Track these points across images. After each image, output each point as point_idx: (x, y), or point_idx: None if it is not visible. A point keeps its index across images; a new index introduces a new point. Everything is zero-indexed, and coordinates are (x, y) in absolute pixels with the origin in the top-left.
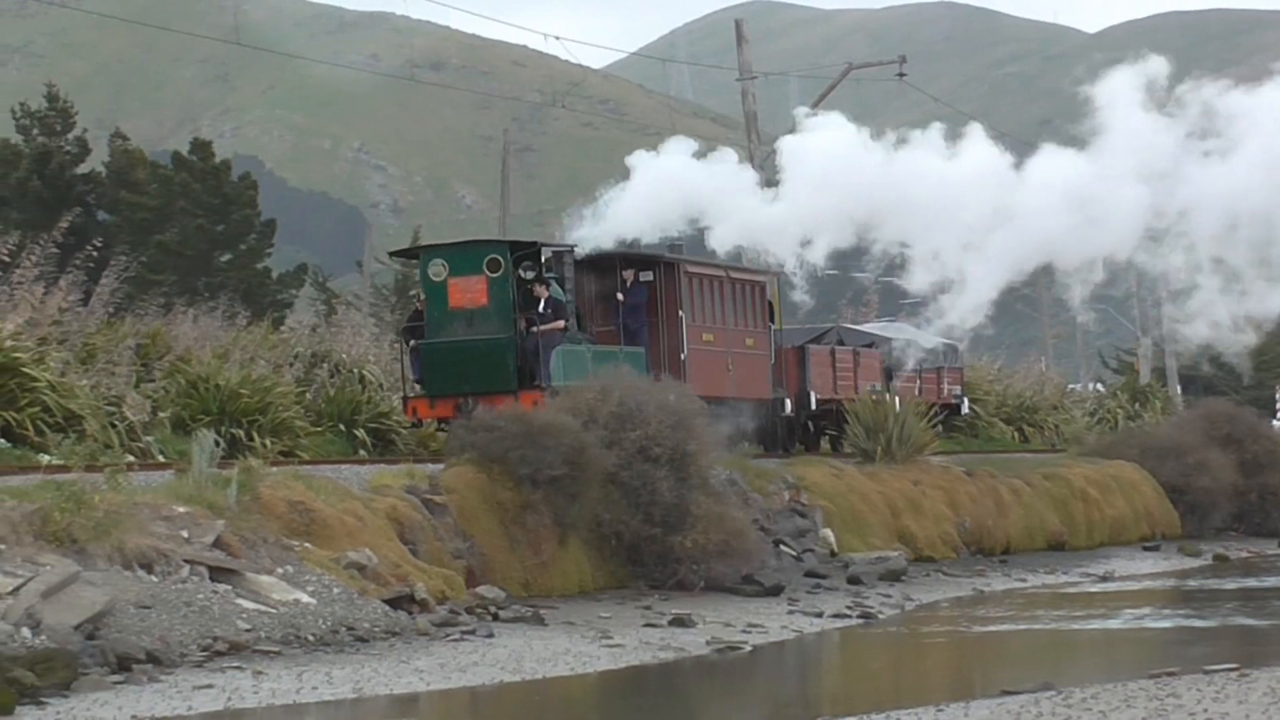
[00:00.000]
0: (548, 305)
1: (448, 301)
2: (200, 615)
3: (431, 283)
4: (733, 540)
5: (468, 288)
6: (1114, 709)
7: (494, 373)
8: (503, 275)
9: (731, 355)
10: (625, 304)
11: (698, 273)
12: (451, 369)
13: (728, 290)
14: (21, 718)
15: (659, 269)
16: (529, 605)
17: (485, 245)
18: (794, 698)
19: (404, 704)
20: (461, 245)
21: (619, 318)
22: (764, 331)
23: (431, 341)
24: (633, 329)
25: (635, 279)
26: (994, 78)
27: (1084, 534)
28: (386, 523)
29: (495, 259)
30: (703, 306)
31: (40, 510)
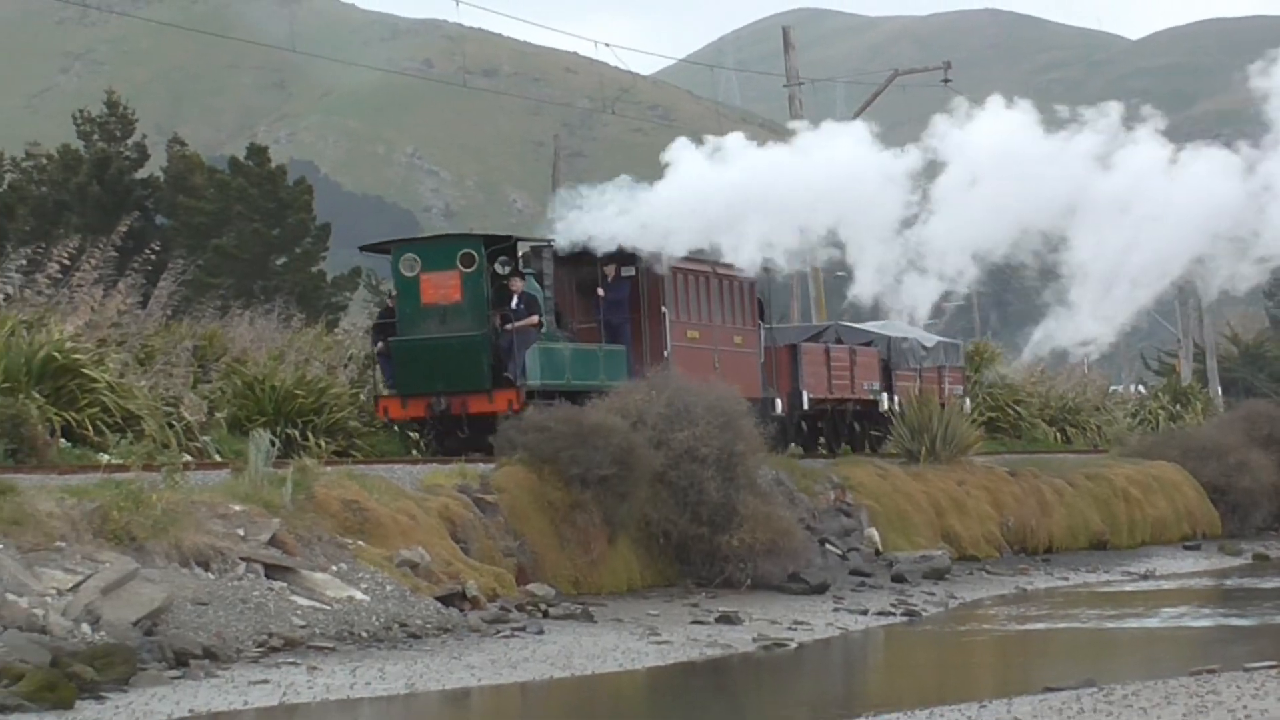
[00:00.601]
0: (521, 301)
1: (420, 298)
2: (256, 612)
3: (403, 278)
4: (779, 539)
5: (441, 283)
6: (1155, 705)
7: (467, 371)
8: (476, 271)
9: (719, 353)
10: (606, 300)
11: (682, 268)
12: (424, 367)
13: (714, 287)
14: (81, 712)
15: (641, 264)
16: (579, 603)
17: (458, 240)
18: (839, 694)
19: (456, 699)
20: (434, 240)
21: (600, 314)
22: (753, 329)
23: (403, 339)
24: (614, 325)
25: (617, 274)
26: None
27: (1126, 533)
28: (439, 521)
29: (469, 254)
30: (687, 303)
31: (100, 508)
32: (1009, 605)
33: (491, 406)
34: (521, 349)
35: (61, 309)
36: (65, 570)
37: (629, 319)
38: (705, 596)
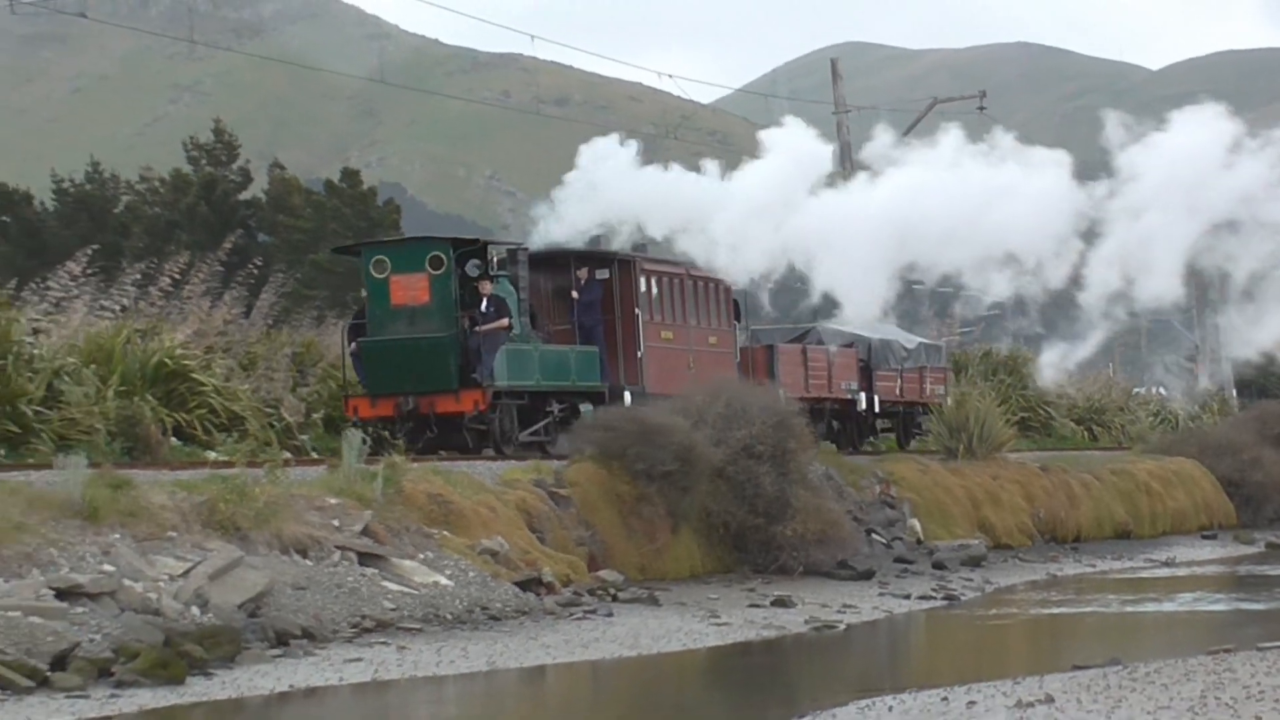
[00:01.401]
0: (491, 304)
1: (390, 299)
2: (350, 596)
3: (374, 280)
4: (829, 529)
5: (410, 285)
6: (1175, 682)
7: (435, 372)
8: (445, 273)
9: (693, 353)
10: (580, 301)
11: (655, 270)
12: (393, 367)
13: (689, 289)
14: (191, 687)
15: (615, 266)
16: (645, 588)
17: (428, 242)
18: (884, 672)
19: (532, 676)
20: (404, 242)
21: (574, 316)
22: (728, 330)
23: (372, 339)
24: (588, 327)
25: (591, 276)
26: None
27: (1148, 524)
28: (516, 513)
29: (438, 256)
30: (661, 304)
31: (207, 501)
32: (1040, 590)
33: (458, 406)
34: (489, 350)
35: (172, 319)
36: (176, 558)
37: (602, 320)
38: (761, 582)
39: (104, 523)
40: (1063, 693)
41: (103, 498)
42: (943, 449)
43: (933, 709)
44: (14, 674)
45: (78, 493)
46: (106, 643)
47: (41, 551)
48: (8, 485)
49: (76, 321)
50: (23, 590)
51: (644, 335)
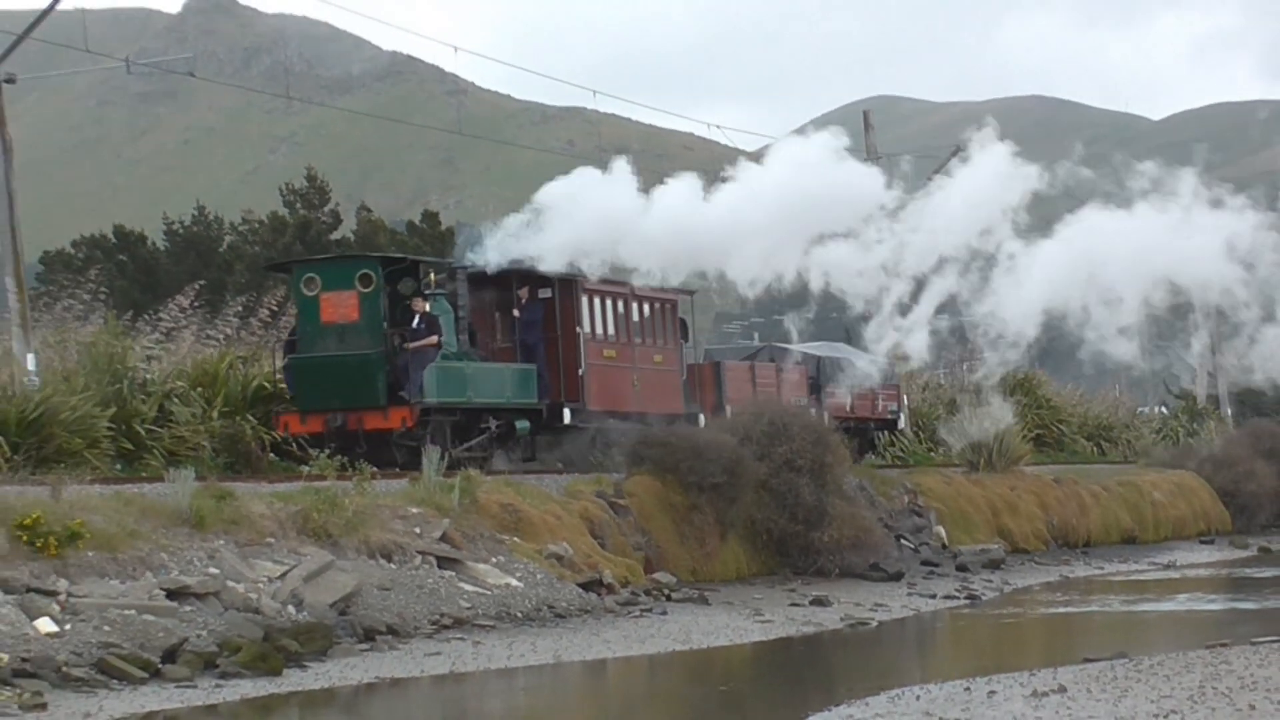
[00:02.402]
0: (423, 321)
1: (320, 316)
2: (430, 596)
3: (304, 297)
4: (862, 535)
5: (339, 303)
6: (1176, 673)
7: (363, 388)
8: (374, 290)
9: (638, 372)
10: (521, 320)
11: (598, 290)
12: (321, 384)
13: (633, 308)
14: (288, 678)
15: (556, 286)
16: (695, 588)
17: (357, 260)
18: (913, 664)
19: (595, 668)
20: (334, 260)
21: (515, 334)
22: (674, 348)
23: (302, 356)
24: (530, 345)
25: (533, 296)
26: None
27: (1151, 530)
28: (580, 521)
29: (367, 274)
30: (604, 323)
31: (302, 511)
32: (1054, 590)
33: (386, 423)
34: (418, 368)
35: (270, 347)
36: (274, 561)
37: (543, 339)
38: (801, 583)
39: (209, 530)
40: (1074, 683)
41: (208, 507)
42: (965, 462)
43: (956, 698)
44: (130, 666)
45: (186, 503)
46: (212, 638)
47: (154, 556)
48: (123, 496)
49: (185, 349)
50: (137, 591)
51: (585, 353)
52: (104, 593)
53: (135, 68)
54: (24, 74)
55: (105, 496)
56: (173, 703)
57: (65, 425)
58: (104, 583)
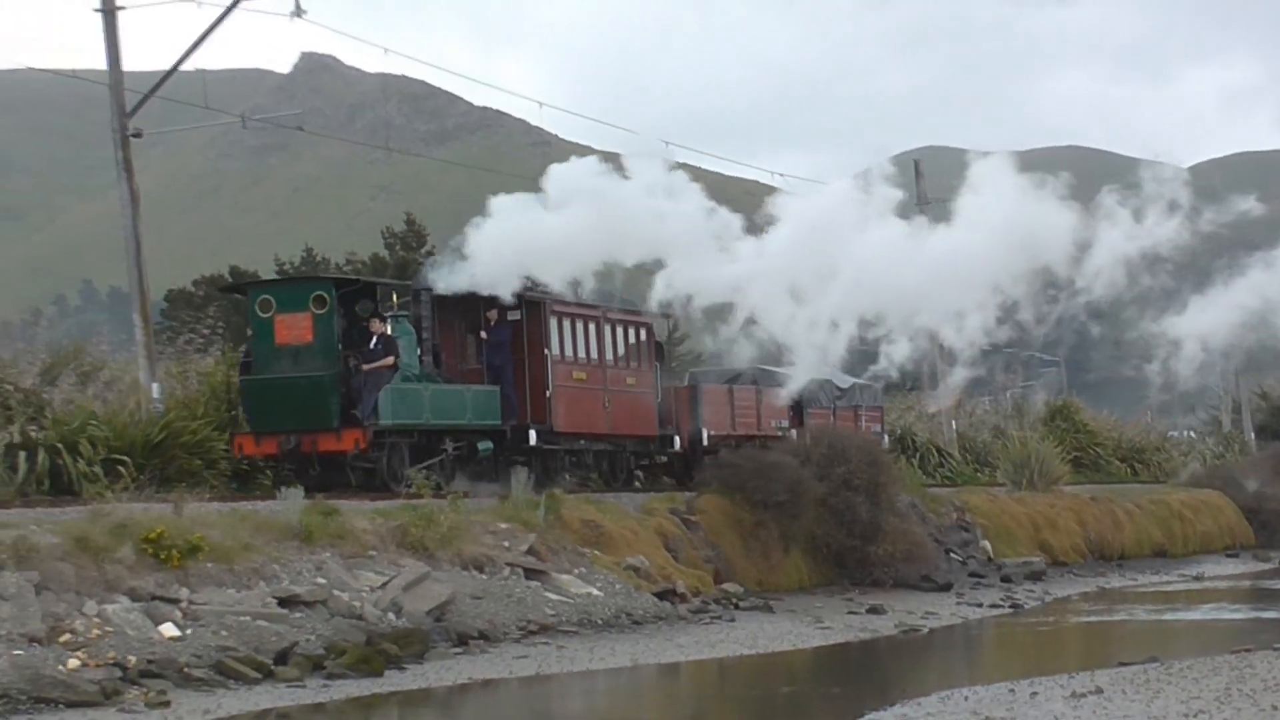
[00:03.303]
0: (379, 342)
1: (274, 338)
2: (518, 604)
3: (259, 319)
4: (914, 549)
5: (293, 324)
6: (1204, 676)
7: (316, 410)
8: (328, 312)
9: (609, 393)
10: (489, 342)
11: (567, 312)
12: (275, 406)
13: (605, 330)
14: (389, 679)
15: (524, 308)
16: (761, 598)
17: (311, 282)
18: (961, 667)
19: (668, 671)
20: (288, 281)
21: (483, 356)
22: (648, 370)
23: (255, 378)
24: (497, 366)
25: (501, 317)
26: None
27: (1181, 544)
28: (655, 535)
29: (321, 296)
30: (573, 345)
31: (401, 526)
32: (1091, 600)
33: (340, 445)
34: (372, 389)
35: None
36: (376, 572)
37: (511, 360)
38: (858, 593)
39: (317, 543)
40: (1110, 685)
41: (316, 523)
42: (1009, 482)
43: (1001, 699)
44: (245, 667)
45: (296, 519)
46: (319, 642)
47: (266, 567)
48: (239, 512)
49: None
50: (252, 599)
51: (553, 375)
52: (222, 600)
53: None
54: (150, 129)
55: (222, 513)
56: (284, 701)
57: (186, 448)
58: (221, 591)
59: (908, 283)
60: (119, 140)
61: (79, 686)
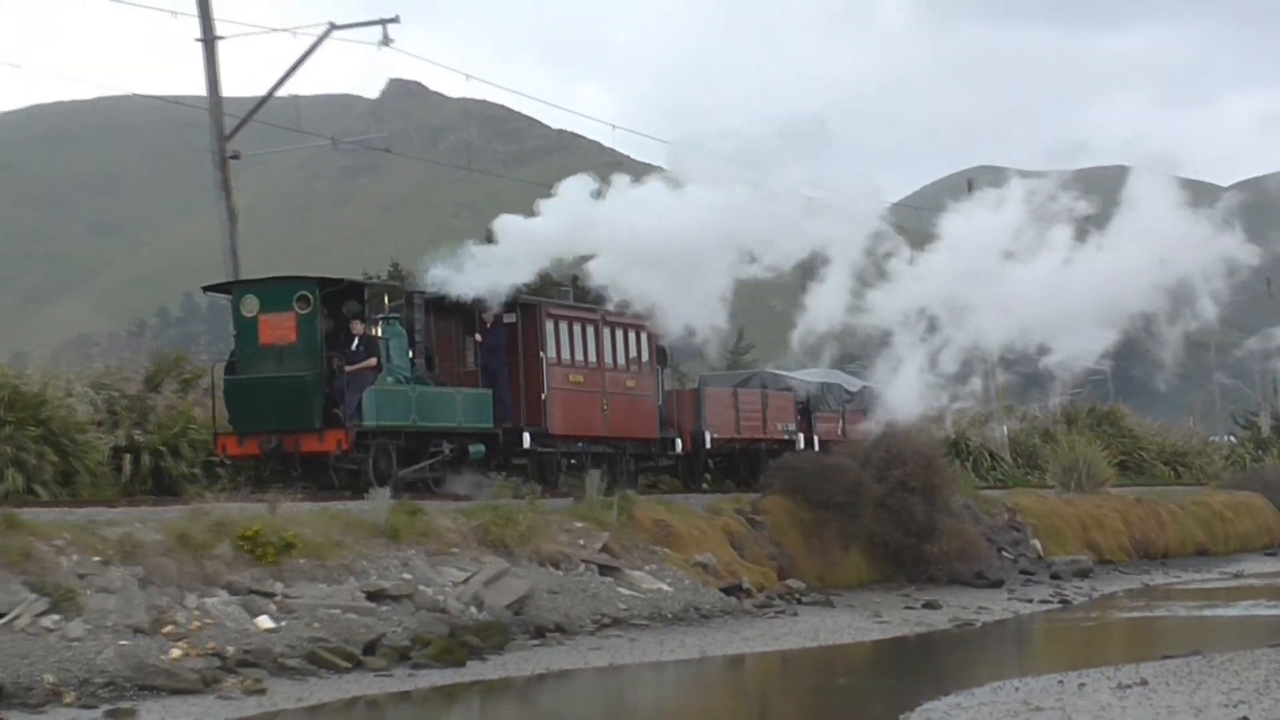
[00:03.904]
0: (361, 344)
1: (258, 338)
2: (592, 599)
3: (243, 319)
4: (968, 548)
5: (277, 324)
6: (1244, 669)
7: (298, 410)
8: (311, 312)
9: (608, 396)
10: (484, 345)
11: (564, 315)
12: (258, 406)
13: (604, 334)
14: (471, 669)
15: (520, 311)
16: (822, 593)
17: (295, 282)
18: (1012, 659)
19: (734, 662)
20: (272, 281)
21: (478, 359)
22: (649, 374)
23: (238, 378)
24: (492, 369)
25: (497, 321)
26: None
27: (1221, 543)
28: (721, 534)
29: (305, 296)
30: (570, 348)
31: (481, 525)
32: (1136, 597)
33: (322, 446)
34: (354, 390)
35: None
36: (458, 568)
37: (506, 363)
38: (914, 589)
39: (403, 541)
40: (1154, 677)
41: (402, 522)
42: (1058, 484)
43: (1051, 689)
44: (336, 657)
45: (383, 518)
46: (405, 634)
47: (356, 563)
48: (330, 512)
49: None
50: (342, 593)
51: (548, 378)
52: (314, 594)
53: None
54: (247, 151)
55: (314, 512)
56: (372, 689)
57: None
58: (314, 586)
59: (1058, 302)
60: (218, 161)
61: (180, 675)
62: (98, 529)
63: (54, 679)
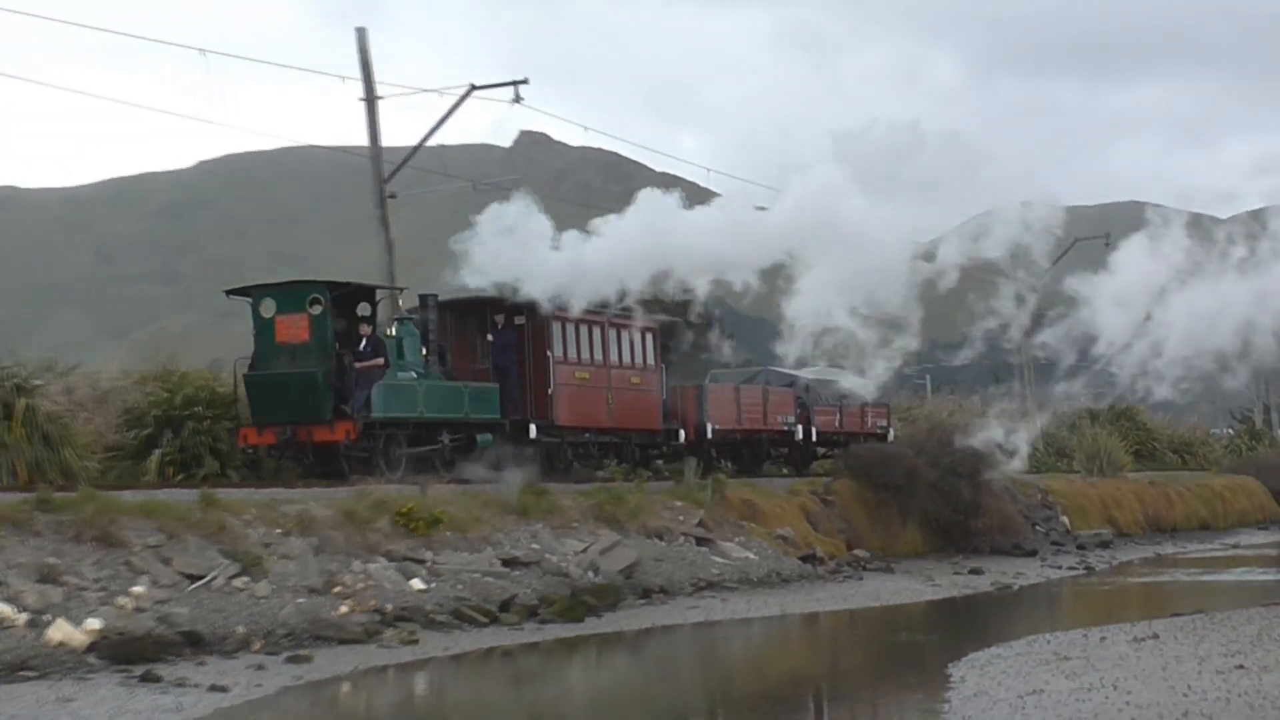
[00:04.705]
0: (369, 344)
1: (275, 337)
2: (690, 565)
3: (261, 319)
4: (1007, 523)
5: (292, 324)
6: (1241, 624)
7: (310, 404)
8: (323, 314)
9: (613, 391)
10: (495, 344)
11: (570, 318)
12: (274, 400)
13: (610, 335)
14: (588, 625)
15: (529, 313)
16: (884, 562)
17: (308, 285)
18: (1044, 616)
19: (810, 617)
20: (288, 284)
21: (491, 357)
22: (654, 371)
23: (256, 373)
24: (502, 367)
25: (508, 322)
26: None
27: (1221, 519)
28: (799, 511)
29: (316, 298)
30: (577, 347)
31: (597, 504)
32: (1149, 564)
33: (332, 436)
34: (363, 386)
35: None
36: (578, 540)
37: (516, 361)
38: (961, 558)
39: (531, 517)
40: (1165, 631)
41: (530, 501)
42: (1083, 469)
43: (1076, 642)
44: (476, 614)
45: (514, 498)
46: (534, 595)
47: (492, 535)
48: (470, 493)
49: None
50: (481, 560)
51: (554, 374)
52: (457, 561)
53: (479, 187)
54: (402, 192)
55: (457, 493)
56: (506, 641)
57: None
58: (457, 554)
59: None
60: (378, 200)
61: (348, 627)
62: (279, 506)
63: (244, 630)
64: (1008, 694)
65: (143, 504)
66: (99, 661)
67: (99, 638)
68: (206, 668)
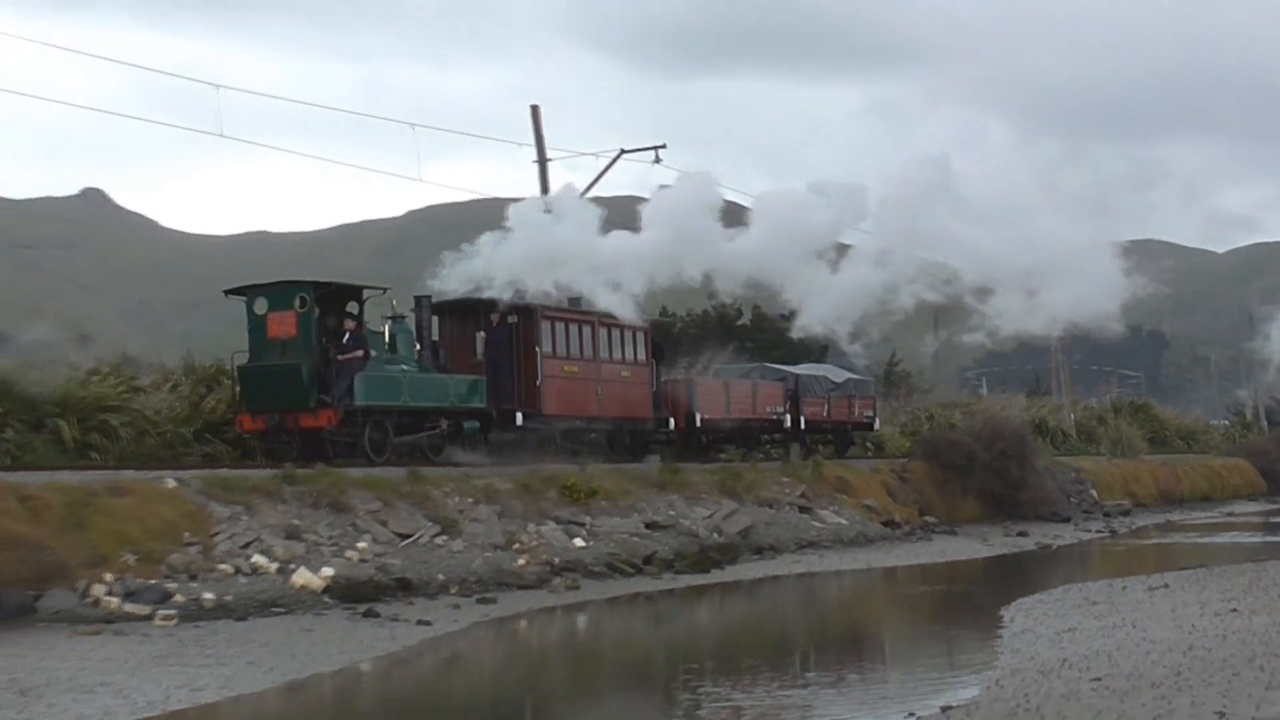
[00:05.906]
0: (352, 338)
1: (267, 332)
2: (794, 529)
3: (255, 316)
4: (1047, 495)
5: (281, 320)
6: (1234, 576)
7: (295, 393)
8: (309, 310)
9: (602, 384)
10: (489, 340)
11: (559, 317)
12: (264, 389)
13: (600, 334)
14: (712, 575)
15: (520, 313)
16: (948, 526)
17: (296, 285)
18: (1077, 569)
19: (889, 570)
20: (278, 284)
21: (485, 352)
22: (644, 366)
23: (249, 365)
24: (495, 361)
25: (501, 320)
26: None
27: (1219, 493)
28: (881, 486)
29: (303, 297)
30: (566, 344)
31: (720, 479)
32: (1161, 529)
33: (316, 422)
34: (345, 376)
35: None
36: (705, 508)
37: (507, 355)
38: (1010, 524)
39: (668, 490)
40: (1174, 582)
41: (668, 477)
42: (1108, 453)
43: (1102, 590)
44: (625, 566)
45: (655, 474)
46: (670, 551)
47: (638, 504)
48: (620, 470)
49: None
50: (629, 524)
51: (543, 368)
52: (610, 525)
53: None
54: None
55: (609, 470)
56: (648, 587)
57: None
58: (610, 519)
59: None
60: None
61: (524, 576)
62: (469, 480)
63: (444, 577)
64: (1048, 630)
65: (364, 478)
66: (331, 601)
67: (331, 583)
68: (415, 606)
